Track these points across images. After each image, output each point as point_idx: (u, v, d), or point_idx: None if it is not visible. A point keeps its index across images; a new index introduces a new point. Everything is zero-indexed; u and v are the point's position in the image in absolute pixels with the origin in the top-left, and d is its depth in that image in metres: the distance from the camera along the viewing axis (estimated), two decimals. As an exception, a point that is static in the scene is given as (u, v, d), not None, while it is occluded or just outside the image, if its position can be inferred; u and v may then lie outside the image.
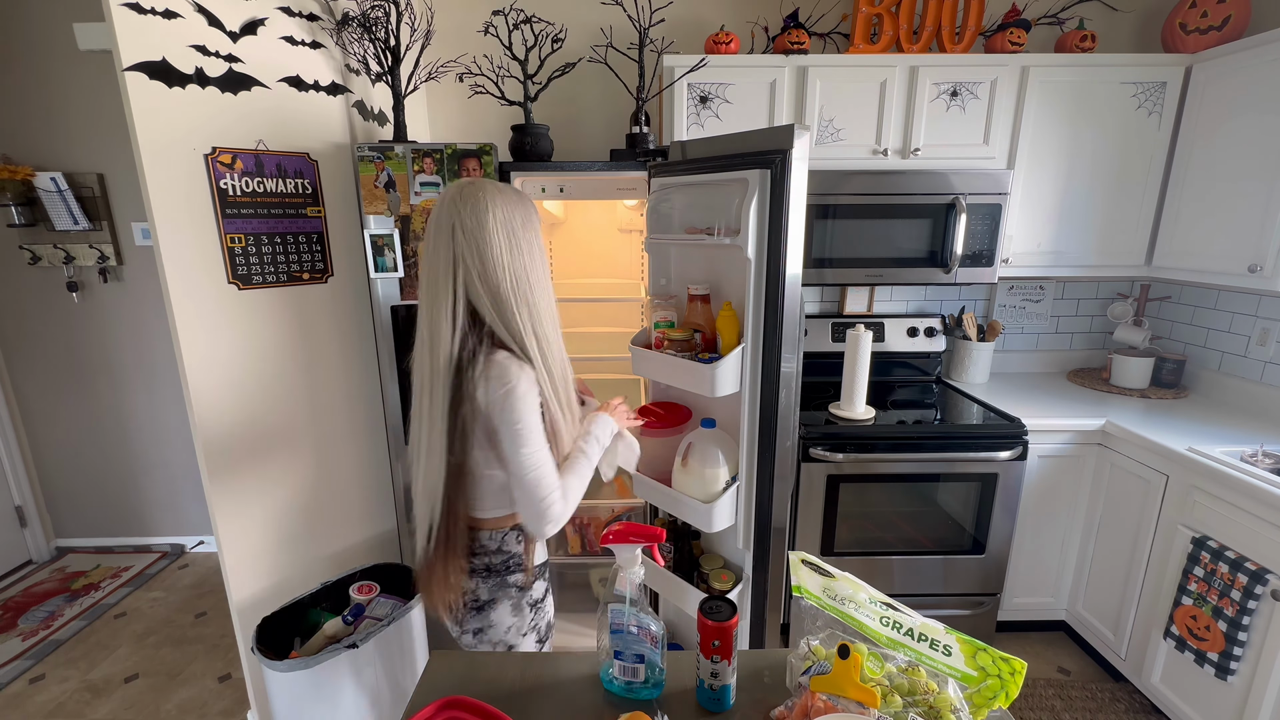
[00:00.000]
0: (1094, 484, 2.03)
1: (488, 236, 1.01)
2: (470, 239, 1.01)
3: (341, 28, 1.77)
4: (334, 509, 1.94)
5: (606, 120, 2.33)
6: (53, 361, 2.76)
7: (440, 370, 1.03)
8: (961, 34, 2.07)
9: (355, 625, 1.65)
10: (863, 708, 0.72)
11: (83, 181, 2.54)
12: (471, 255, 1.01)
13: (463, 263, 1.01)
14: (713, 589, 1.52)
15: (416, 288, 1.77)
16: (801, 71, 1.97)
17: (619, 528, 0.92)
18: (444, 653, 1.01)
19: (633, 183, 1.85)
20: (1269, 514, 1.48)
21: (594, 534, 2.16)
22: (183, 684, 2.10)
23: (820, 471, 1.95)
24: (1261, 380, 2.05)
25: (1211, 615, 1.57)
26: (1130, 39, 2.27)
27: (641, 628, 0.88)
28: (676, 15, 2.17)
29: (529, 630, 1.20)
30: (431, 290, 1.04)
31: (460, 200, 1.02)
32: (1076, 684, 2.02)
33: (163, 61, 1.46)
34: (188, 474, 2.89)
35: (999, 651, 0.73)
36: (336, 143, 1.79)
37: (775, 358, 1.30)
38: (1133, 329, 2.32)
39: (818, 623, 0.86)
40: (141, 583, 2.70)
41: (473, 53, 2.20)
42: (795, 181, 1.20)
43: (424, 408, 1.06)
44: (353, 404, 1.93)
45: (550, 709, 0.89)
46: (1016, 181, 2.05)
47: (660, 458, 1.55)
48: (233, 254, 1.63)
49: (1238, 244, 1.84)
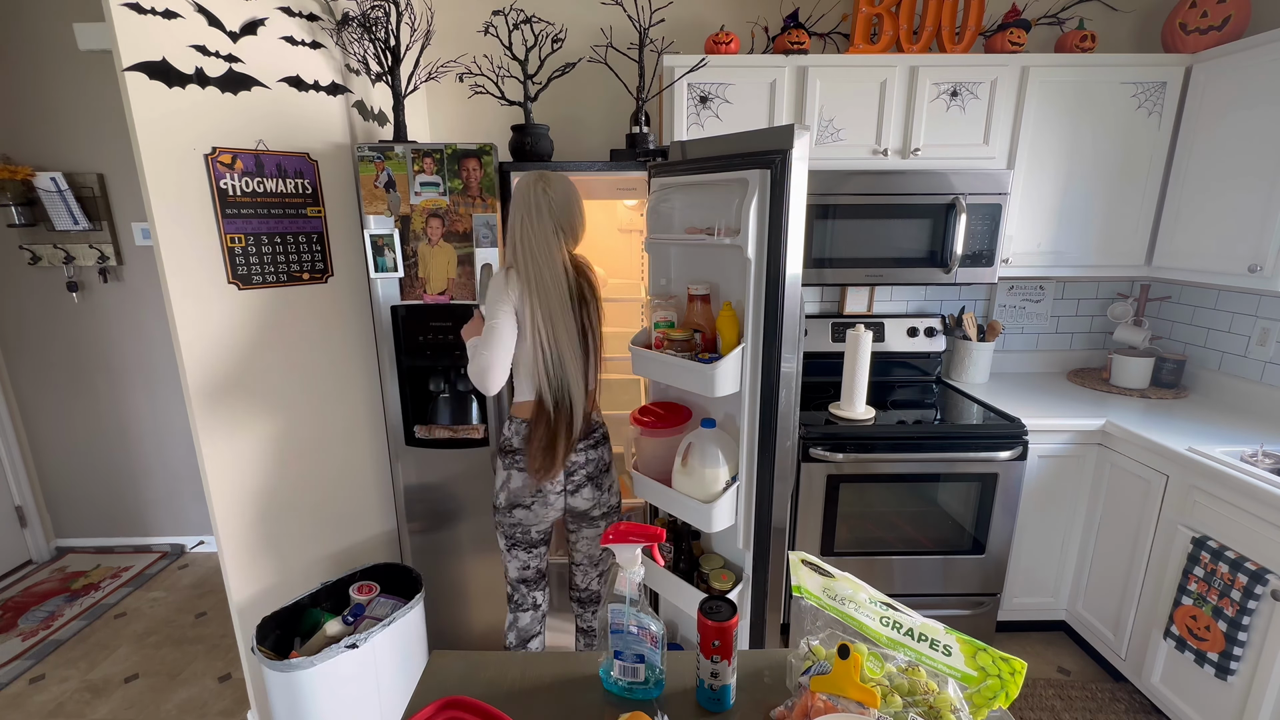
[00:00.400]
0: (1094, 484, 2.03)
1: (575, 212, 1.47)
2: (565, 221, 1.45)
3: (341, 28, 1.77)
4: (334, 509, 1.94)
5: (606, 120, 2.33)
6: (53, 361, 2.76)
7: (568, 293, 1.42)
8: (961, 34, 2.07)
9: (355, 625, 1.65)
10: (863, 708, 0.72)
11: (83, 181, 2.54)
12: (563, 216, 1.45)
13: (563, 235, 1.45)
14: (713, 589, 1.52)
15: (417, 287, 1.77)
16: (801, 71, 1.97)
17: (619, 528, 0.93)
18: (444, 653, 1.01)
19: (633, 183, 1.85)
20: (1269, 514, 1.48)
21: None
22: (183, 684, 2.10)
23: (820, 471, 1.95)
24: (1261, 380, 2.05)
25: (1211, 615, 1.57)
26: (1130, 39, 2.27)
27: (641, 628, 0.88)
28: (676, 15, 2.17)
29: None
30: (544, 245, 1.41)
31: (546, 181, 1.45)
32: (1076, 684, 2.02)
33: (163, 61, 1.46)
34: (188, 474, 2.89)
35: (999, 651, 0.73)
36: (336, 143, 1.79)
37: (775, 358, 1.30)
38: (1133, 329, 2.32)
39: (818, 623, 0.86)
40: (141, 583, 2.70)
41: (473, 53, 2.20)
42: (795, 181, 1.20)
43: (558, 328, 1.40)
44: (353, 404, 1.93)
45: (550, 709, 0.89)
46: (1016, 181, 2.05)
47: (660, 458, 1.55)
48: (233, 254, 1.63)
49: (1238, 244, 1.84)
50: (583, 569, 1.70)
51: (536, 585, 1.65)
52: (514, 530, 1.55)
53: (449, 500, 1.94)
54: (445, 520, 1.96)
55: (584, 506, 1.55)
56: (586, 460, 1.52)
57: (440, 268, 1.76)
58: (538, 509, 1.52)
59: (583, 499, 1.54)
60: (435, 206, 1.72)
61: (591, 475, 1.53)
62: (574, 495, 1.53)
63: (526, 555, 1.59)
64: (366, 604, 1.72)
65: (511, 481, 1.51)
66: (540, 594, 1.66)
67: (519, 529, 1.54)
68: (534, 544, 1.59)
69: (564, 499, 1.53)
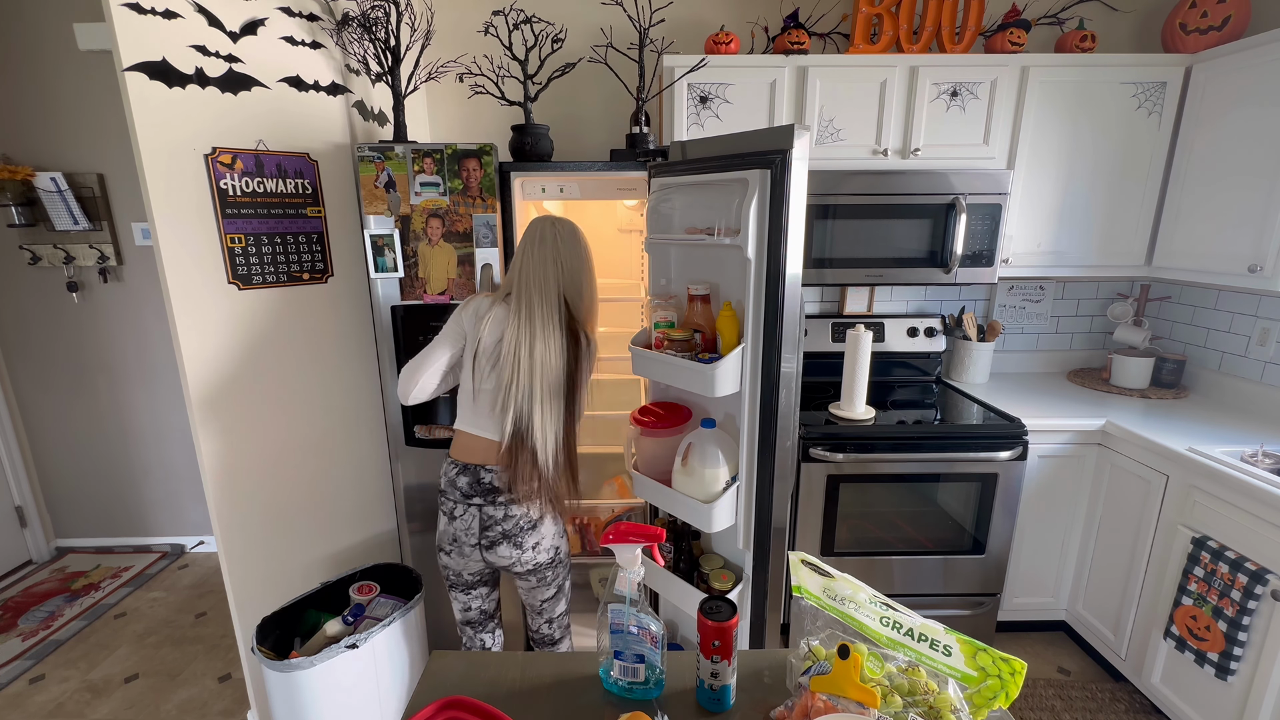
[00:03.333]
0: (1094, 484, 2.03)
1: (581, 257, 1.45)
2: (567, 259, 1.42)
3: (341, 28, 1.77)
4: (334, 509, 1.94)
5: (606, 120, 2.33)
6: (53, 361, 2.76)
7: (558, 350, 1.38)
8: (961, 34, 2.07)
9: (355, 625, 1.65)
10: (863, 708, 0.72)
11: (83, 181, 2.54)
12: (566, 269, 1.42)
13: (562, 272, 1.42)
14: (713, 589, 1.52)
15: (417, 287, 1.77)
16: (801, 71, 1.97)
17: (619, 528, 0.92)
18: (444, 653, 1.01)
19: (633, 183, 1.85)
20: (1269, 514, 1.48)
21: (594, 534, 2.16)
22: (183, 684, 2.10)
23: (820, 471, 1.95)
24: (1261, 380, 2.05)
25: (1211, 615, 1.57)
26: (1130, 39, 2.27)
27: (641, 628, 0.88)
28: (676, 15, 2.17)
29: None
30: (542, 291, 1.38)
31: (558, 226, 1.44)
32: (1076, 684, 2.02)
33: (163, 61, 1.46)
34: (188, 474, 2.89)
35: (999, 652, 0.73)
36: (336, 143, 1.79)
37: (775, 358, 1.30)
38: (1133, 329, 2.32)
39: (818, 623, 0.86)
40: (141, 583, 2.71)
41: (473, 53, 2.20)
42: (795, 181, 1.20)
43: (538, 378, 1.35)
44: (353, 404, 1.93)
45: (550, 709, 0.89)
46: (1016, 181, 2.05)
47: (660, 458, 1.54)
48: (233, 254, 1.63)
49: (1238, 244, 1.84)
50: (530, 613, 1.62)
51: (483, 628, 1.59)
52: (446, 572, 1.51)
53: (449, 500, 1.94)
54: (445, 520, 1.96)
55: (503, 563, 1.46)
56: (505, 516, 1.41)
57: (440, 268, 1.76)
58: (456, 558, 1.46)
59: (498, 556, 1.44)
60: (435, 206, 1.72)
61: (508, 533, 1.41)
62: (489, 551, 1.43)
63: (466, 597, 1.54)
64: (366, 604, 1.72)
65: (439, 523, 1.46)
66: (490, 636, 1.61)
67: (449, 571, 1.50)
68: (470, 585, 1.53)
69: (479, 552, 1.43)
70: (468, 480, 1.41)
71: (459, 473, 1.42)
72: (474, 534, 1.42)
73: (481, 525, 1.41)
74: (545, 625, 1.61)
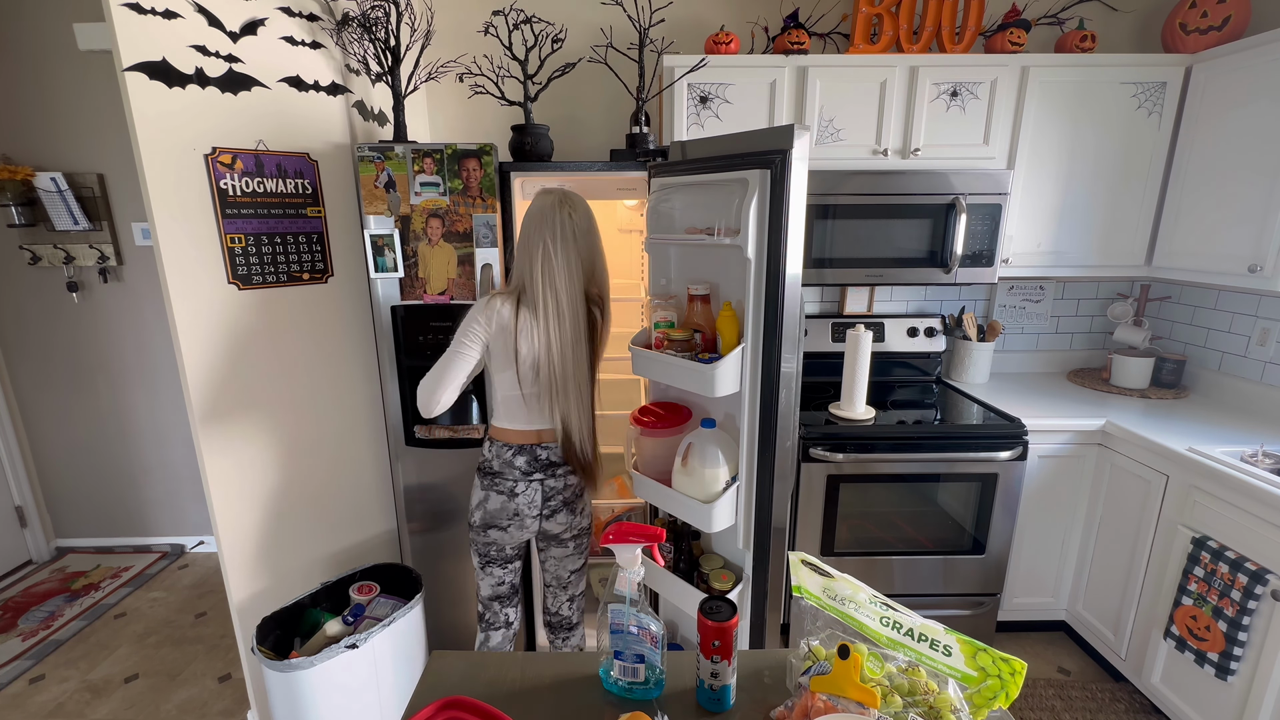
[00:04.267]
0: (1094, 484, 2.03)
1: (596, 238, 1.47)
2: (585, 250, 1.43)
3: (341, 28, 1.77)
4: (334, 509, 1.94)
5: (606, 120, 2.33)
6: (53, 361, 2.76)
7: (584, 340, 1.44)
8: (961, 34, 2.07)
9: (355, 625, 1.65)
10: (863, 708, 0.72)
11: (83, 181, 2.54)
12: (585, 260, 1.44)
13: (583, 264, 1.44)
14: (713, 589, 1.52)
15: (417, 287, 1.77)
16: (801, 71, 1.97)
17: (619, 528, 0.92)
18: (444, 653, 1.01)
19: (633, 183, 1.85)
20: (1269, 514, 1.48)
21: (594, 534, 2.16)
22: (183, 684, 2.10)
23: (820, 471, 1.95)
24: (1261, 380, 2.05)
25: (1211, 615, 1.57)
26: (1130, 39, 2.27)
27: (641, 628, 0.88)
28: (676, 15, 2.17)
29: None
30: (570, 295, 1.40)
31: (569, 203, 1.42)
32: (1076, 684, 2.02)
33: (163, 61, 1.46)
34: (188, 474, 2.89)
35: (999, 652, 0.73)
36: (336, 143, 1.79)
37: (775, 358, 1.30)
38: (1133, 329, 2.32)
39: (818, 623, 0.86)
40: (141, 583, 2.70)
41: (473, 53, 2.20)
42: (795, 181, 1.20)
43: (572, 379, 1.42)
44: (353, 404, 1.93)
45: (550, 709, 0.89)
46: (1016, 181, 2.05)
47: (660, 458, 1.55)
48: (233, 254, 1.63)
49: (1238, 244, 1.84)
50: (553, 591, 1.68)
51: (509, 601, 1.63)
52: (488, 549, 1.55)
53: (449, 500, 1.94)
54: (445, 520, 1.96)
55: (556, 530, 1.55)
56: (565, 486, 1.53)
57: (440, 268, 1.76)
58: (513, 531, 1.51)
59: (556, 523, 1.54)
60: (435, 206, 1.72)
61: (568, 500, 1.54)
62: (549, 519, 1.53)
63: (502, 571, 1.58)
64: (366, 604, 1.72)
65: (489, 503, 1.50)
66: (513, 610, 1.65)
67: (493, 547, 1.54)
68: (509, 559, 1.58)
69: (539, 523, 1.53)
70: (525, 459, 1.49)
71: (515, 453, 1.49)
72: (536, 506, 1.50)
73: (544, 497, 1.51)
74: (566, 604, 1.69)
